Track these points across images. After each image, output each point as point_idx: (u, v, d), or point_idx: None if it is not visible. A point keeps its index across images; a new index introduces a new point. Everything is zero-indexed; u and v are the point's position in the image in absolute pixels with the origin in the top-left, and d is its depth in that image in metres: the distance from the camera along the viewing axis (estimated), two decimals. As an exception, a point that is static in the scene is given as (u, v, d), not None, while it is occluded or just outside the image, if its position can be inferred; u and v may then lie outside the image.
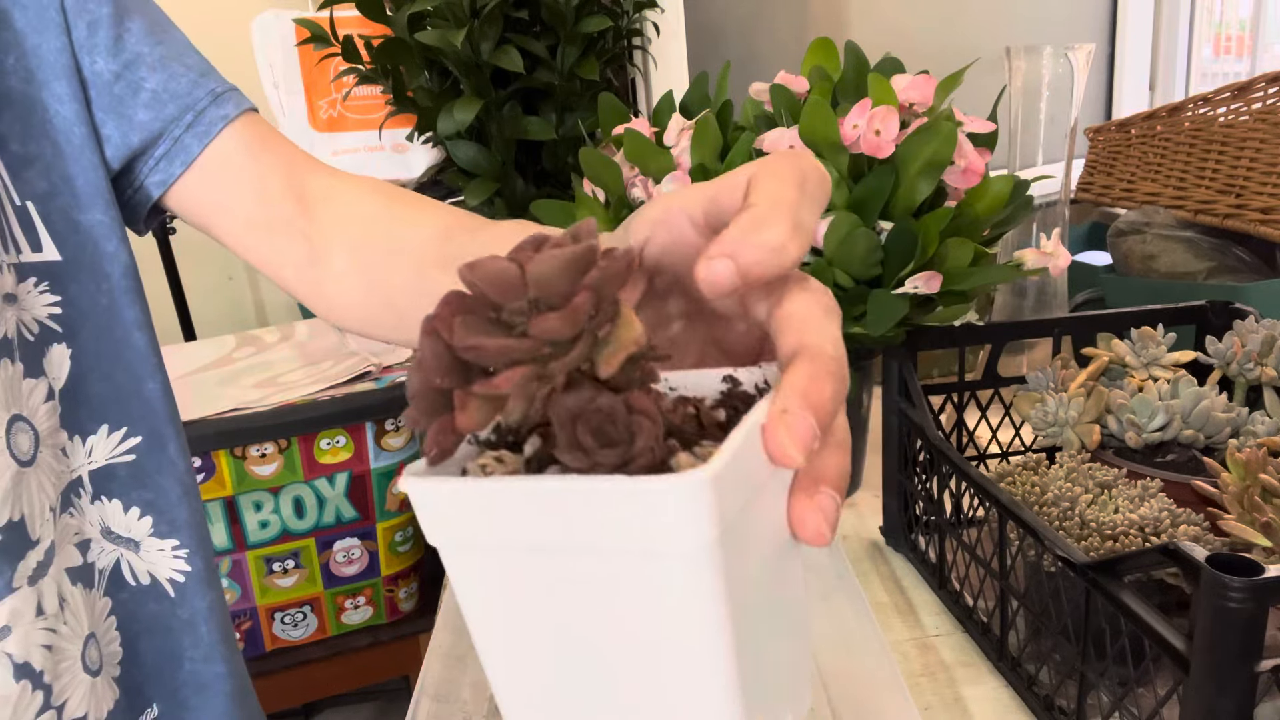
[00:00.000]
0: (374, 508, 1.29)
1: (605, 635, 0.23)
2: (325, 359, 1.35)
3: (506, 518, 0.22)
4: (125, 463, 0.49)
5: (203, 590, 0.53)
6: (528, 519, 0.22)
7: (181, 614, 0.52)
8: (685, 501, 0.20)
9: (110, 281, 0.48)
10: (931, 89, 0.83)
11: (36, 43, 0.44)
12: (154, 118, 0.49)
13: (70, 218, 0.46)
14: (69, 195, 0.46)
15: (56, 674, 0.44)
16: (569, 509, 0.21)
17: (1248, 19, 1.79)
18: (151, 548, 0.51)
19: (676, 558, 0.21)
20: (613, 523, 0.21)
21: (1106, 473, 0.68)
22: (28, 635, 0.43)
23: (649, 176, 0.86)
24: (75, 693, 0.45)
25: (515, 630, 0.24)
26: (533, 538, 0.22)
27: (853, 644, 0.67)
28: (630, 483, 0.20)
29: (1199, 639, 0.46)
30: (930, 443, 0.76)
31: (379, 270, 0.50)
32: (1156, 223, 1.23)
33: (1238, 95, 1.17)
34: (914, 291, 0.78)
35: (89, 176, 0.47)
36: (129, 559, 0.50)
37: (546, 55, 1.17)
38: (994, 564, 0.67)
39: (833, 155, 0.79)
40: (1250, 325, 0.80)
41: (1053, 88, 1.08)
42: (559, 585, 0.23)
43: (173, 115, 0.49)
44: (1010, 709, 0.65)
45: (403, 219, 0.51)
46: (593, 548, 0.21)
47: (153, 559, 0.51)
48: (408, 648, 1.38)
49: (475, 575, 0.23)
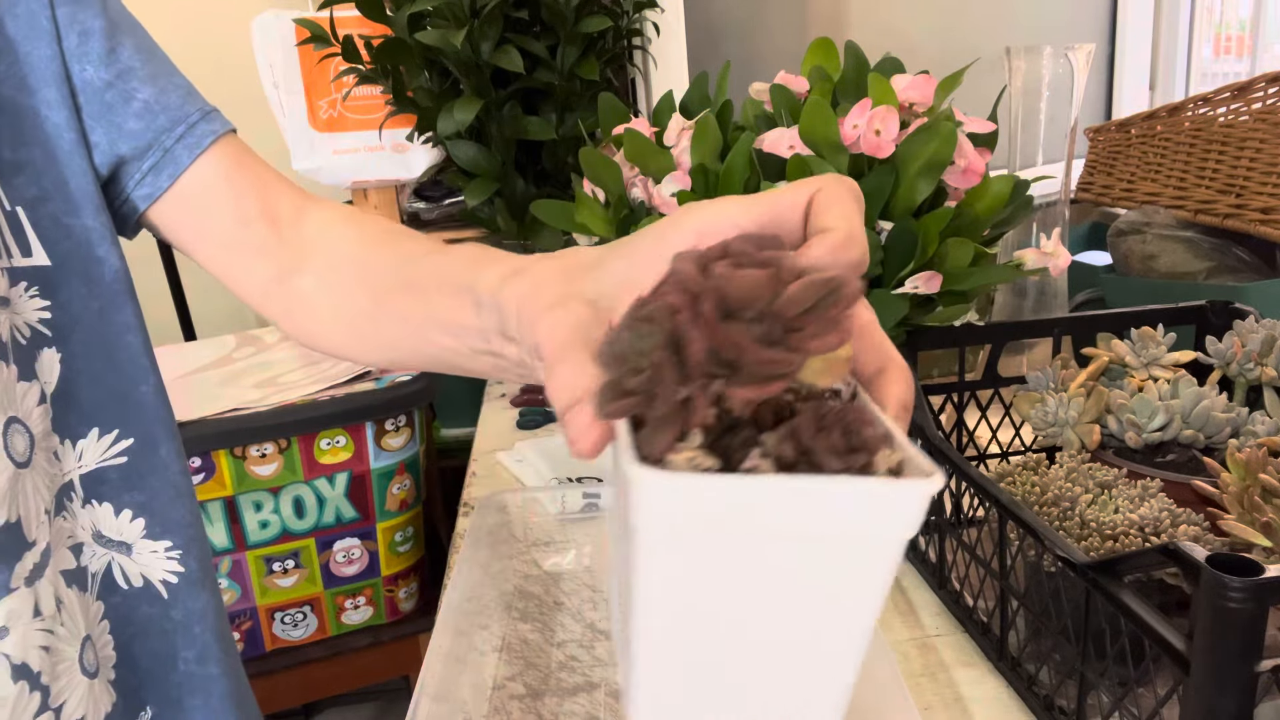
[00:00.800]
0: (374, 508, 1.29)
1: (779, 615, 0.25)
2: (325, 359, 1.35)
3: (756, 511, 0.23)
4: (116, 465, 0.49)
5: (196, 591, 0.53)
6: (776, 512, 0.23)
7: (175, 615, 0.52)
8: (924, 499, 0.24)
9: (101, 285, 0.48)
10: (931, 89, 0.83)
11: (27, 50, 0.45)
12: (145, 127, 0.49)
13: (60, 223, 0.46)
14: (59, 200, 0.46)
15: (54, 675, 0.44)
16: (820, 503, 0.23)
17: (1248, 19, 1.79)
18: (144, 550, 0.50)
19: (895, 543, 0.24)
20: (853, 514, 0.23)
21: (1106, 473, 0.68)
22: (25, 636, 0.43)
23: (649, 176, 0.86)
24: (73, 694, 0.45)
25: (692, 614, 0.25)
26: (773, 527, 0.23)
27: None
28: (894, 484, 0.24)
29: (1199, 639, 0.46)
30: (930, 443, 0.76)
31: (344, 294, 0.50)
32: (1156, 223, 1.23)
33: (1238, 95, 1.17)
34: (914, 291, 0.78)
35: (79, 182, 0.47)
36: (120, 562, 0.50)
37: (546, 55, 1.17)
38: (994, 564, 0.67)
39: (833, 155, 0.79)
40: (1250, 325, 0.80)
41: (1053, 88, 1.08)
42: (764, 571, 0.24)
43: (164, 126, 0.50)
44: (1010, 709, 0.65)
45: (370, 245, 0.51)
46: (823, 536, 0.24)
47: (145, 561, 0.51)
48: (408, 648, 1.38)
49: (689, 562, 0.24)
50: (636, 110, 1.55)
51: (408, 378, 1.28)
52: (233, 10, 1.52)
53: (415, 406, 1.29)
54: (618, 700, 0.67)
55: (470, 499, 1.04)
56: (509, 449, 1.13)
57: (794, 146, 0.80)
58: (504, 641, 0.74)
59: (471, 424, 1.30)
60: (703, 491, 0.23)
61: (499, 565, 0.84)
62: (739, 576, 0.24)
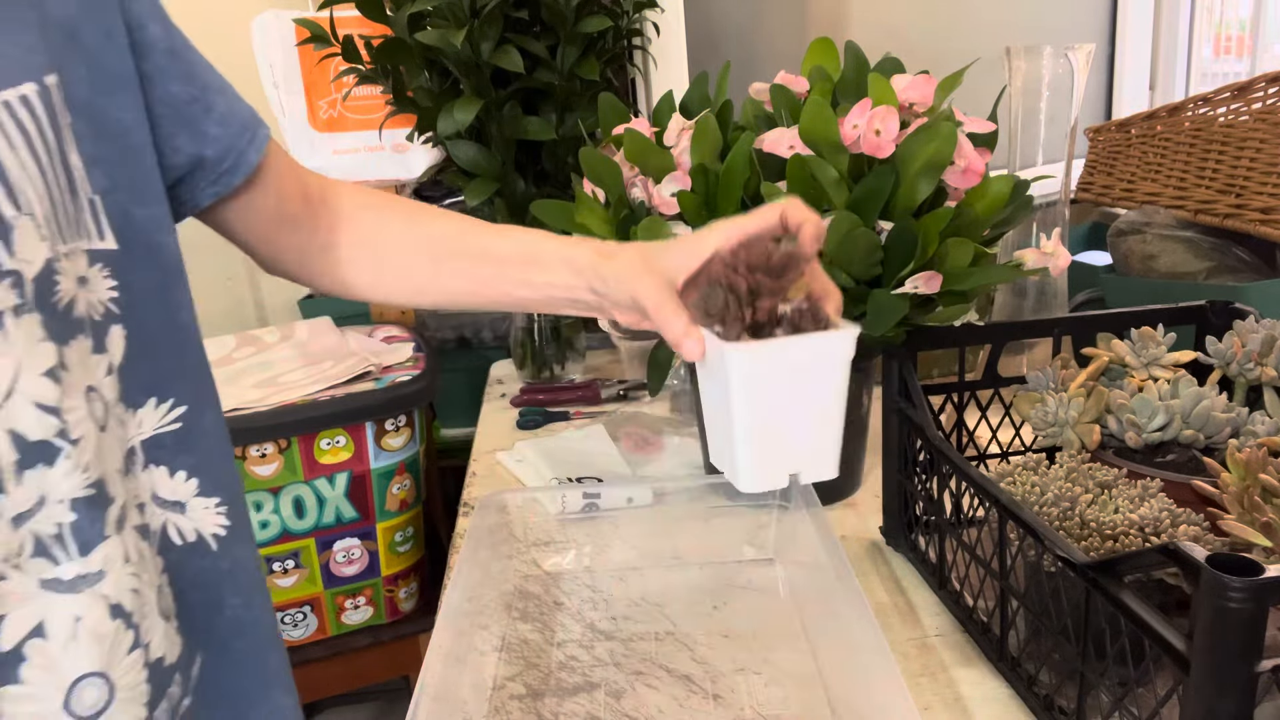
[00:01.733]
0: (374, 508, 1.29)
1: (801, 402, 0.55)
2: (325, 359, 1.35)
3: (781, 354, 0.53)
4: (171, 431, 0.55)
5: (239, 542, 0.59)
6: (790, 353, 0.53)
7: (223, 565, 0.58)
8: (854, 337, 0.54)
9: (161, 268, 0.55)
10: (931, 89, 0.83)
11: (105, 60, 0.51)
12: (223, 133, 0.59)
13: (128, 211, 0.52)
14: (127, 191, 0.52)
15: (142, 615, 0.50)
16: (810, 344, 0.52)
17: (1248, 19, 1.79)
18: (197, 507, 0.56)
19: (845, 357, 0.54)
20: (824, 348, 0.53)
21: (1106, 473, 0.68)
22: (119, 579, 0.49)
23: (649, 176, 0.86)
24: (155, 635, 0.51)
25: (763, 410, 0.54)
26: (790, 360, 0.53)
27: (853, 644, 0.67)
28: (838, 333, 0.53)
29: (1199, 639, 0.46)
30: (930, 443, 0.76)
31: (393, 255, 0.68)
32: (1156, 223, 1.23)
33: (1238, 95, 1.17)
34: (914, 291, 0.78)
35: (145, 176, 0.54)
36: (175, 521, 0.56)
37: (546, 55, 1.17)
38: (994, 564, 0.67)
39: (833, 155, 0.79)
40: (1250, 325, 0.80)
41: (1053, 88, 1.08)
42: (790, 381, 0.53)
43: (237, 132, 0.60)
44: (1010, 709, 0.65)
45: (415, 217, 0.69)
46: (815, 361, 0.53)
47: (198, 518, 0.56)
48: (408, 648, 1.38)
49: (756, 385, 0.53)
50: (636, 110, 1.55)
51: (408, 378, 1.28)
52: (233, 10, 1.52)
53: (415, 406, 1.29)
54: (618, 700, 0.67)
55: (470, 499, 1.04)
56: (509, 449, 1.13)
57: (794, 146, 0.80)
58: (504, 641, 0.74)
59: (471, 424, 1.30)
60: (756, 350, 0.52)
61: (499, 565, 0.84)
62: (779, 387, 0.54)
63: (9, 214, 0.44)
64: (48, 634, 0.46)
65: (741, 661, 0.70)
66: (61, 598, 0.47)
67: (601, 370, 1.38)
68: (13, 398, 0.45)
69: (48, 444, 0.46)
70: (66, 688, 0.46)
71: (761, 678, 0.68)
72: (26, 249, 0.45)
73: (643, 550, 0.85)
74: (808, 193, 0.79)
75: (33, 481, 0.46)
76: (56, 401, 0.46)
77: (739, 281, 0.51)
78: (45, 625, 0.46)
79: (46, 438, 0.46)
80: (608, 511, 0.90)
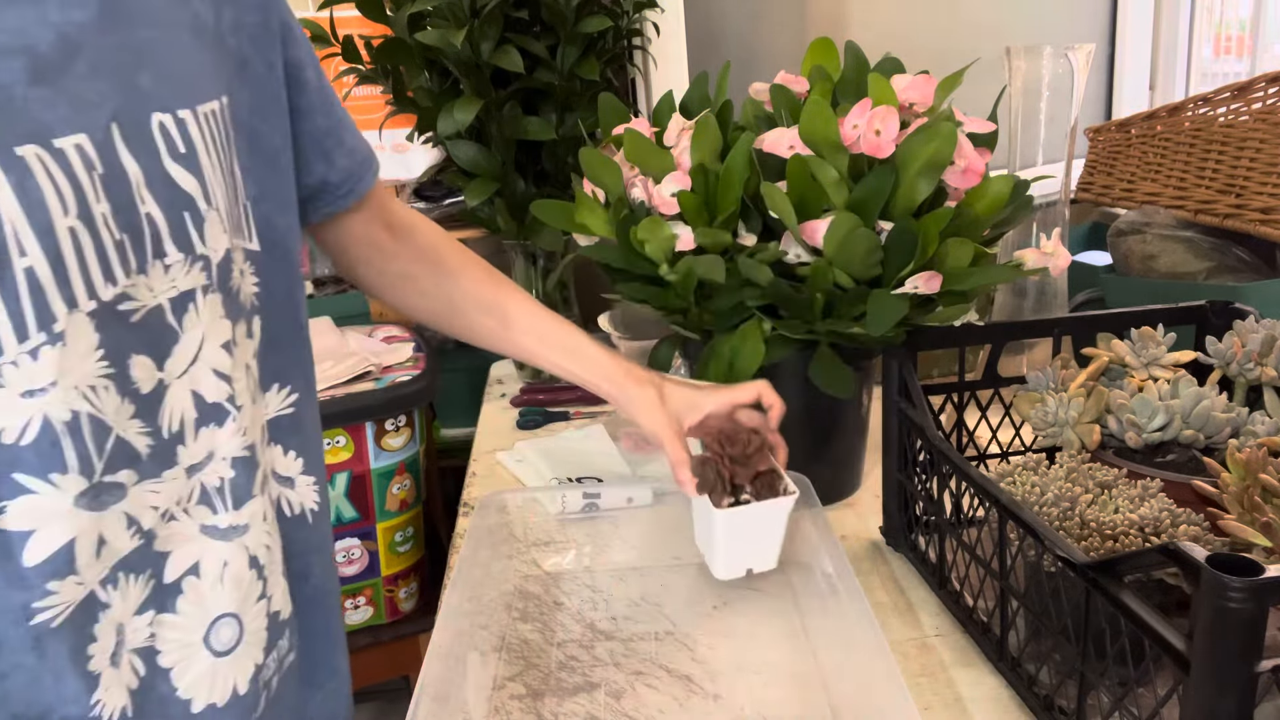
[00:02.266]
0: (374, 508, 1.29)
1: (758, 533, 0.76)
2: (325, 359, 1.34)
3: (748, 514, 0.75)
4: (288, 414, 0.62)
5: (324, 518, 0.67)
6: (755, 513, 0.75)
7: (314, 539, 0.65)
8: (793, 501, 0.75)
9: (290, 272, 0.62)
10: (931, 89, 0.83)
11: (265, 89, 0.59)
12: (349, 164, 0.69)
13: (269, 219, 0.60)
14: (271, 201, 0.60)
15: (270, 570, 0.56)
16: (767, 508, 0.75)
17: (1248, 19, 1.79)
18: (302, 484, 0.64)
19: (787, 512, 0.75)
20: (779, 508, 0.75)
21: (1106, 473, 0.68)
22: (258, 535, 0.55)
23: (649, 176, 0.86)
24: (277, 590, 0.57)
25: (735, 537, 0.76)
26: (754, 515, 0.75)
27: (853, 644, 0.67)
28: (785, 499, 0.75)
29: (1199, 639, 0.46)
30: (930, 443, 0.76)
31: (467, 312, 0.80)
32: (1156, 223, 1.23)
33: (1238, 95, 1.17)
34: (914, 291, 0.78)
35: (285, 190, 0.62)
36: (286, 495, 0.63)
37: (546, 55, 1.17)
38: (994, 564, 0.67)
39: (833, 155, 0.79)
40: (1250, 325, 0.80)
41: (1053, 88, 1.08)
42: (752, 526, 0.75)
43: (359, 162, 0.70)
44: (1010, 709, 0.65)
45: (457, 259, 0.80)
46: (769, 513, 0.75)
47: (302, 493, 0.64)
48: (408, 648, 1.38)
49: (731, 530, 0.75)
50: (636, 110, 1.55)
51: (408, 378, 1.28)
52: (233, 10, 1.52)
53: (415, 406, 1.29)
54: (618, 700, 0.67)
55: (470, 499, 1.04)
56: (509, 449, 1.13)
57: (794, 146, 0.80)
58: (504, 641, 0.74)
59: (471, 424, 1.30)
60: (732, 513, 0.75)
61: (499, 565, 0.84)
62: (746, 528, 0.75)
63: (203, 207, 0.52)
64: (201, 573, 0.53)
65: (741, 661, 0.70)
66: (215, 544, 0.54)
67: (601, 370, 1.38)
68: (198, 363, 0.53)
69: (220, 406, 0.54)
70: (209, 623, 0.52)
71: (761, 678, 0.68)
72: (213, 238, 0.53)
73: (643, 550, 0.85)
74: (808, 193, 0.79)
75: (205, 438, 0.53)
76: (229, 371, 0.54)
77: (724, 469, 0.75)
78: (200, 565, 0.53)
79: (220, 401, 0.54)
80: (608, 511, 0.90)
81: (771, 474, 0.77)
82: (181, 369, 0.52)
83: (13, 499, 0.44)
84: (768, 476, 0.77)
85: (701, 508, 0.76)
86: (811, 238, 0.79)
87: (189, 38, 0.52)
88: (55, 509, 0.46)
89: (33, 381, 0.44)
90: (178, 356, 0.51)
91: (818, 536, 0.80)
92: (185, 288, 0.51)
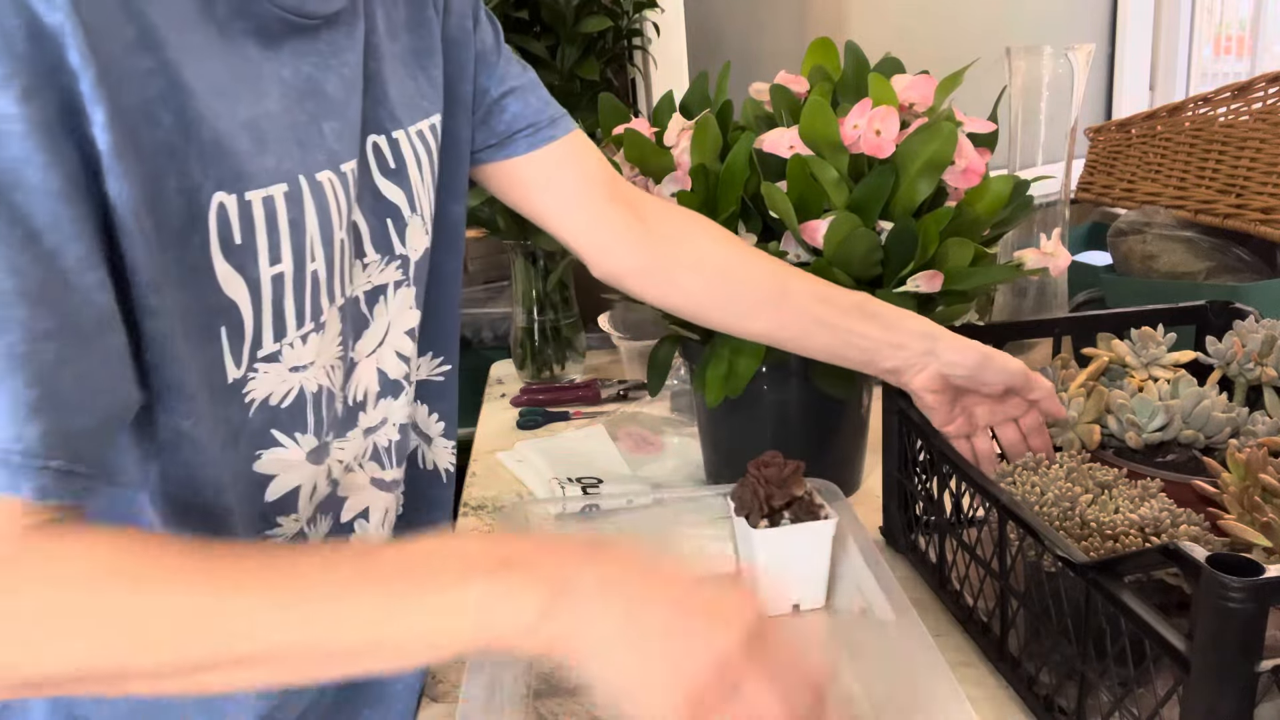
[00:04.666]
0: (374, 508, 1.29)
1: (800, 556, 0.74)
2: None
3: (788, 534, 0.72)
4: (437, 381, 0.73)
5: (454, 483, 0.77)
6: (794, 534, 0.72)
7: (444, 498, 0.74)
8: (834, 525, 0.73)
9: (455, 254, 0.70)
10: (931, 89, 0.83)
11: (459, 89, 0.67)
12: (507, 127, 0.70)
13: (445, 207, 0.67)
14: (448, 190, 0.67)
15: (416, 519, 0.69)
16: (806, 530, 0.72)
17: (1248, 19, 1.79)
18: (440, 445, 0.75)
19: (830, 535, 0.73)
20: (817, 532, 0.73)
21: (1106, 473, 0.68)
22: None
23: (649, 176, 0.86)
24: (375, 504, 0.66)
25: (776, 557, 0.72)
26: (794, 537, 0.72)
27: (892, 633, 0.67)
28: (825, 523, 0.73)
29: (1199, 639, 0.46)
30: (930, 443, 0.76)
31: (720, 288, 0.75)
32: (1156, 223, 1.23)
33: (1238, 95, 1.17)
34: (914, 291, 0.78)
35: (462, 178, 0.69)
36: (423, 449, 0.74)
37: (546, 55, 1.17)
38: (994, 564, 0.67)
39: (833, 155, 0.79)
40: (1250, 325, 0.80)
41: (1053, 88, 1.08)
42: (792, 547, 0.73)
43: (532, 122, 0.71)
44: (1010, 709, 0.65)
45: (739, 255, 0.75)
46: (808, 537, 0.73)
47: (439, 454, 0.74)
48: (408, 648, 1.38)
49: (771, 550, 0.72)
50: (636, 110, 1.55)
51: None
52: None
53: (415, 406, 1.29)
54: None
55: (470, 499, 1.04)
56: (509, 449, 1.13)
57: (794, 146, 0.80)
58: (504, 641, 0.74)
59: (471, 424, 1.30)
60: (769, 533, 0.72)
61: (499, 565, 0.84)
62: (785, 549, 0.72)
63: (407, 214, 0.61)
64: (370, 518, 0.63)
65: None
66: (380, 494, 0.65)
67: (601, 370, 1.38)
68: (384, 345, 0.63)
69: (397, 382, 0.64)
70: None
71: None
72: (413, 240, 0.62)
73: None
74: (808, 193, 0.79)
75: (382, 407, 0.64)
76: (410, 353, 0.64)
77: (760, 490, 0.73)
78: (369, 511, 0.64)
79: (398, 378, 0.64)
80: (608, 511, 0.90)
81: (810, 499, 0.75)
82: (370, 349, 0.62)
83: (268, 449, 0.54)
84: (806, 503, 0.74)
85: (741, 530, 0.74)
86: (812, 238, 0.79)
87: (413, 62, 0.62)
88: (293, 460, 0.56)
89: (300, 359, 0.54)
90: (366, 339, 0.62)
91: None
92: (379, 283, 0.61)
